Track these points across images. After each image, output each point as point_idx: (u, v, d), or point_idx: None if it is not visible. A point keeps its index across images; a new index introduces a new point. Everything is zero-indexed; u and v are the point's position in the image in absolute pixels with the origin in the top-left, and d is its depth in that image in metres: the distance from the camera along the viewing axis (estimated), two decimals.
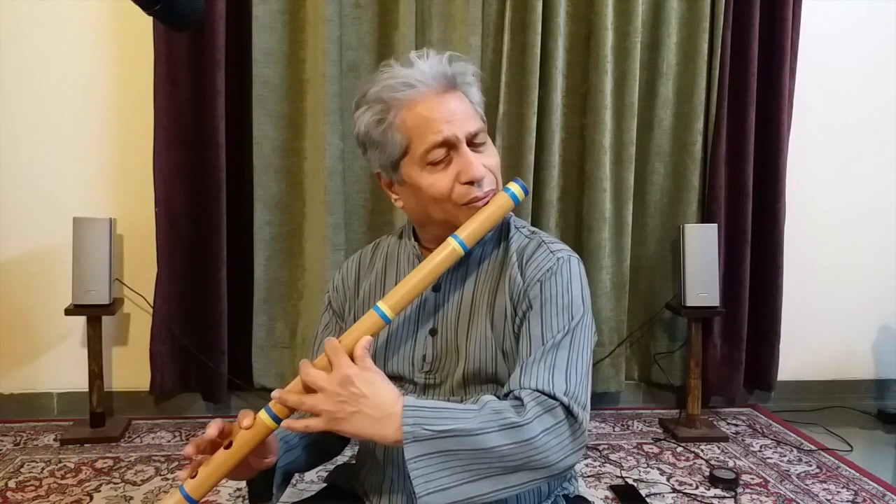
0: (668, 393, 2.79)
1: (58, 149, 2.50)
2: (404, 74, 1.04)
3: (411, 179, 1.06)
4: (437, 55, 1.07)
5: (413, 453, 0.91)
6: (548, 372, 0.99)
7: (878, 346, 2.93)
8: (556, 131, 2.56)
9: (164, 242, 2.45)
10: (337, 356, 0.96)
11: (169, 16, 0.96)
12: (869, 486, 2.14)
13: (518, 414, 0.94)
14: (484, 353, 1.06)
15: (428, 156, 1.04)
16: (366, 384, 0.94)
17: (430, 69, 1.05)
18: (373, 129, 1.07)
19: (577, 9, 2.57)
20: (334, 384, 0.94)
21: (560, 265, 1.07)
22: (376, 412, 0.93)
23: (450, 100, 1.05)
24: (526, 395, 0.96)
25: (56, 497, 1.98)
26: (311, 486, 2.06)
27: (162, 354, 2.49)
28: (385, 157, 1.07)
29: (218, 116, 2.38)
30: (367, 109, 1.07)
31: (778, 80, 2.63)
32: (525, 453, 0.93)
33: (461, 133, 1.04)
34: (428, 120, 1.03)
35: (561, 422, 0.95)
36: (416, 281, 1.02)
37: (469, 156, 1.04)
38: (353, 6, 2.48)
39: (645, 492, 2.08)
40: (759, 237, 2.71)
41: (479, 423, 0.93)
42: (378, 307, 1.00)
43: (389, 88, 1.04)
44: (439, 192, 1.04)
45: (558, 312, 1.04)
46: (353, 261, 1.24)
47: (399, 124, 1.04)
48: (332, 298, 1.22)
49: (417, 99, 1.04)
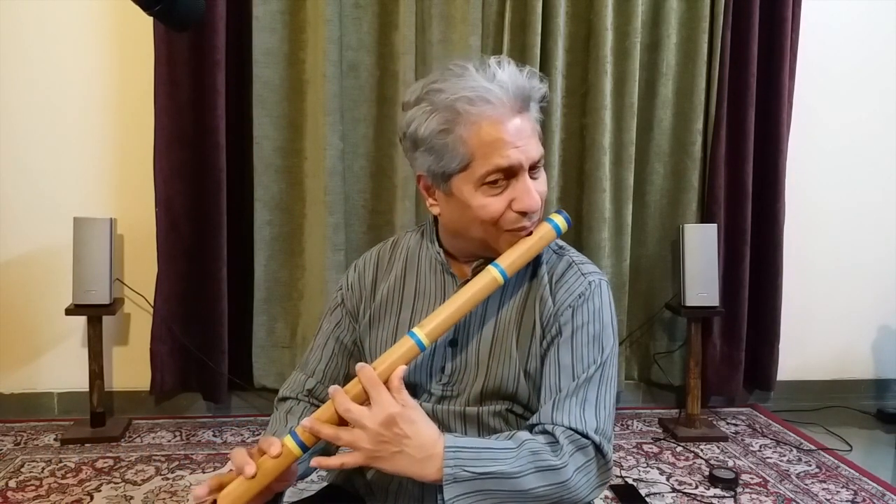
0: (668, 393, 2.79)
1: (58, 149, 2.50)
2: (482, 87, 0.97)
3: (461, 195, 1.01)
4: (516, 67, 1.01)
5: (452, 493, 0.92)
6: (579, 408, 1.00)
7: (878, 345, 2.93)
8: (556, 131, 2.57)
9: (164, 242, 2.45)
10: (377, 391, 0.94)
11: (169, 16, 0.96)
12: (868, 485, 2.14)
13: (555, 455, 0.96)
14: (507, 370, 1.05)
15: (488, 178, 0.99)
16: (409, 424, 0.93)
17: (510, 83, 0.98)
18: (434, 136, 1.00)
19: (576, 9, 2.57)
20: (377, 424, 0.92)
21: (592, 290, 1.06)
22: (418, 453, 0.93)
23: (521, 122, 1.00)
24: (560, 434, 0.98)
25: (56, 497, 1.99)
26: (311, 485, 2.05)
27: (162, 354, 2.49)
28: (440, 166, 1.01)
29: (218, 116, 2.38)
30: (432, 113, 0.99)
31: (777, 81, 2.63)
32: (558, 493, 0.96)
33: (526, 160, 1.00)
34: (498, 141, 0.98)
35: (591, 460, 0.98)
36: (454, 309, 1.00)
37: (529, 185, 1.00)
38: (353, 6, 2.48)
39: (644, 491, 2.08)
40: (758, 237, 2.71)
41: (518, 465, 0.94)
42: (414, 334, 0.98)
43: (465, 100, 0.97)
44: (489, 216, 1.01)
45: (590, 342, 1.04)
46: (371, 260, 1.20)
47: (466, 139, 0.98)
48: (346, 297, 1.19)
49: (492, 117, 0.97)
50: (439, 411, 1.08)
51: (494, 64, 1.00)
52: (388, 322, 1.14)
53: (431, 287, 1.12)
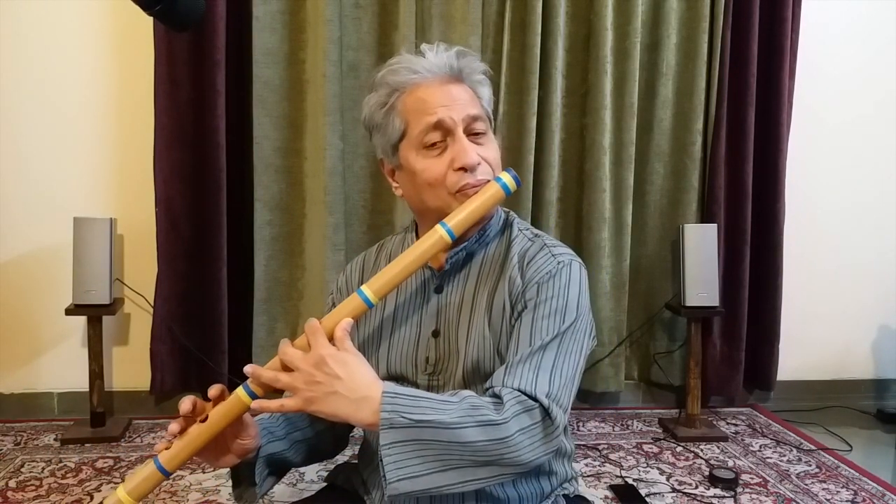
0: (668, 393, 2.79)
1: (58, 149, 2.51)
2: (411, 60, 1.09)
3: (408, 164, 1.09)
4: (447, 49, 1.10)
5: (388, 440, 0.91)
6: (532, 372, 0.99)
7: (878, 345, 2.93)
8: (556, 132, 2.57)
9: (164, 242, 2.45)
10: (315, 337, 0.96)
11: (169, 16, 0.97)
12: (868, 485, 2.14)
13: (496, 411, 0.94)
14: (481, 351, 1.06)
15: (424, 138, 1.06)
16: (340, 365, 0.94)
17: (436, 59, 1.08)
18: (376, 112, 1.10)
19: (576, 9, 2.57)
20: (309, 364, 0.94)
21: (560, 269, 1.07)
22: (352, 394, 0.93)
23: (452, 88, 1.08)
24: (506, 394, 0.96)
25: (56, 497, 1.99)
26: (311, 485, 2.06)
27: (162, 354, 2.49)
28: (385, 139, 1.10)
29: (218, 116, 2.38)
30: (373, 93, 1.11)
31: (777, 81, 2.63)
32: (498, 450, 0.93)
33: (457, 117, 1.06)
34: (425, 102, 1.06)
35: (537, 423, 0.96)
36: (402, 266, 1.01)
37: (464, 142, 1.06)
38: (353, 6, 2.48)
39: (644, 491, 2.08)
40: (758, 237, 2.71)
41: (456, 416, 0.93)
42: (361, 291, 1.00)
43: (394, 72, 1.08)
44: (433, 177, 1.06)
45: (550, 314, 1.03)
46: (357, 262, 1.25)
47: (400, 108, 1.07)
48: (336, 300, 1.22)
49: (420, 83, 1.07)
50: None
51: (426, 47, 1.10)
52: (374, 316, 1.16)
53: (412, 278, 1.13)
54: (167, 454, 0.97)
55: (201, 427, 0.97)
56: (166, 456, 0.97)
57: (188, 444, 0.97)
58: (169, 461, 0.97)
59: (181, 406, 0.98)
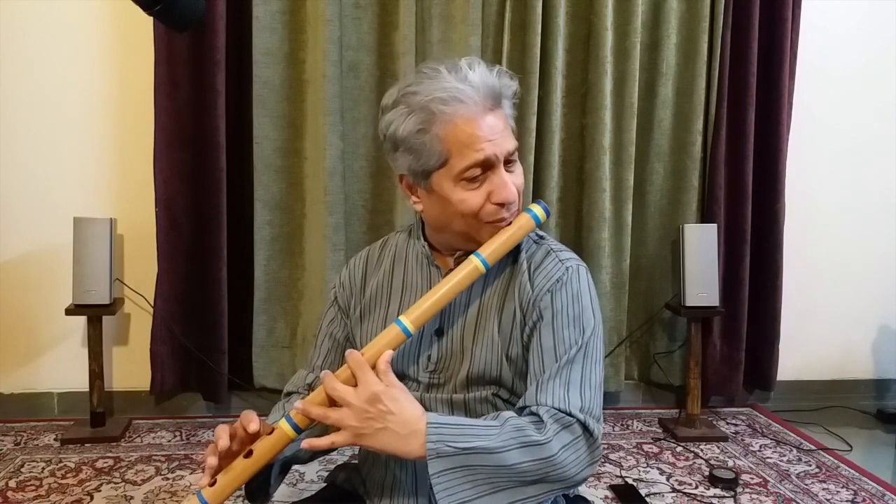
0: (668, 393, 2.79)
1: (58, 149, 2.50)
2: (455, 88, 1.02)
3: (442, 191, 1.06)
4: (486, 67, 1.07)
5: (437, 468, 0.94)
6: (563, 389, 1.02)
7: (878, 346, 2.93)
8: (556, 131, 2.57)
9: (164, 242, 2.45)
10: (363, 371, 0.98)
11: (169, 16, 0.97)
12: (868, 485, 2.14)
13: (538, 432, 0.98)
14: (490, 355, 1.08)
15: (466, 173, 1.04)
16: (392, 401, 0.97)
17: (481, 83, 1.04)
18: (412, 136, 1.04)
19: (576, 9, 2.57)
20: (361, 401, 0.96)
21: (569, 275, 1.09)
22: (402, 429, 0.96)
23: (492, 117, 1.05)
24: (544, 413, 0.99)
25: (56, 497, 1.99)
26: (311, 485, 2.06)
27: (162, 354, 2.49)
28: (419, 164, 1.06)
29: (218, 116, 2.38)
30: (409, 115, 1.04)
31: (777, 81, 2.63)
32: (543, 469, 0.97)
33: (501, 153, 1.05)
34: (472, 137, 1.03)
35: (578, 438, 0.99)
36: (438, 297, 1.05)
37: (504, 177, 1.05)
38: (353, 6, 2.48)
39: (644, 491, 2.08)
40: (758, 237, 2.71)
41: (500, 441, 0.96)
42: (400, 321, 1.03)
43: (439, 101, 1.02)
44: (469, 209, 1.05)
45: (569, 324, 1.06)
46: (361, 258, 1.26)
47: (442, 137, 1.03)
48: (339, 295, 1.23)
49: (465, 115, 1.02)
50: (427, 399, 1.11)
51: (465, 66, 1.05)
52: (378, 314, 1.17)
53: (418, 279, 1.16)
54: (212, 491, 0.99)
55: (246, 462, 0.99)
56: (211, 492, 0.99)
57: (233, 480, 0.99)
58: (214, 497, 0.99)
59: (219, 442, 0.99)
